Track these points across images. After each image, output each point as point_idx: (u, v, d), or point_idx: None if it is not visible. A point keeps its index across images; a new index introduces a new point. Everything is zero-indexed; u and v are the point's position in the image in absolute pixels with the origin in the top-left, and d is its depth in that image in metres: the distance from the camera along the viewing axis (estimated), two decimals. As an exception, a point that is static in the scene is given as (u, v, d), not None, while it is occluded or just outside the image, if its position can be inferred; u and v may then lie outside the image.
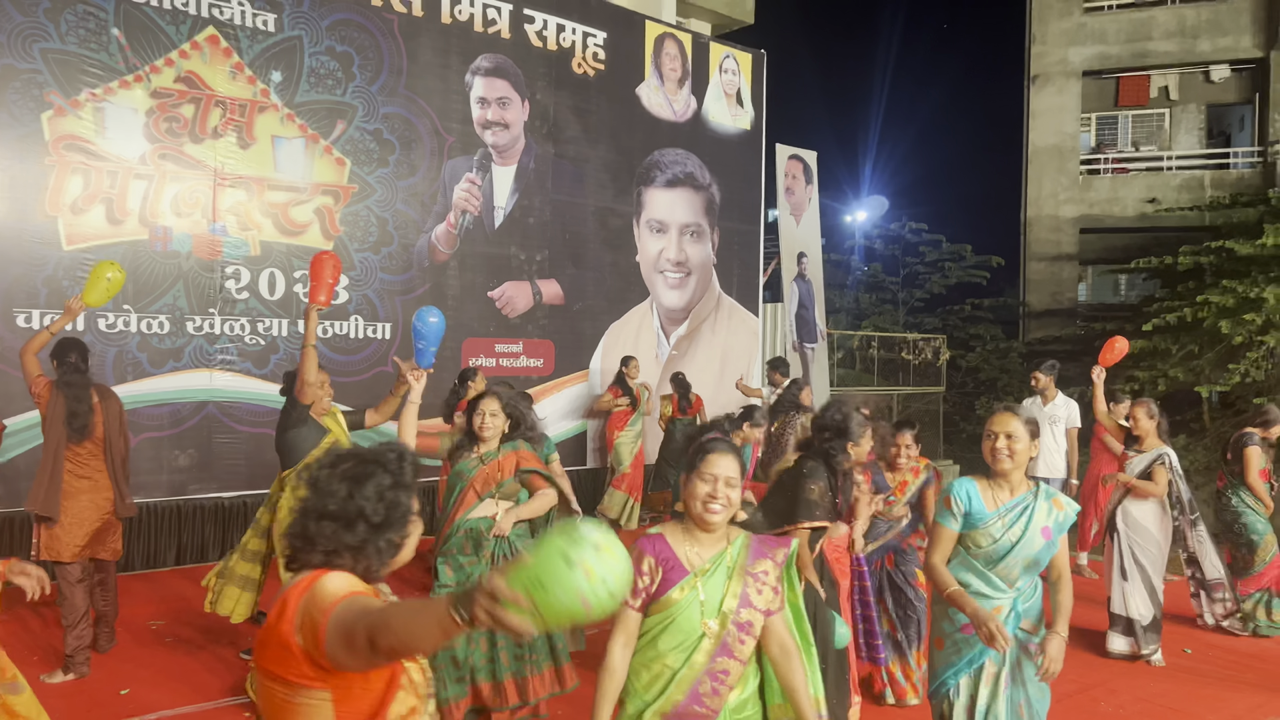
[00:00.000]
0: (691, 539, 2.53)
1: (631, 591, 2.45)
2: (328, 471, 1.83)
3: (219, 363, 7.47)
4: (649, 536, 2.57)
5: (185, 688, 4.85)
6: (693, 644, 2.45)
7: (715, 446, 2.52)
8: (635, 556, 2.49)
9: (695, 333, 10.92)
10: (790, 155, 12.50)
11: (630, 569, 1.50)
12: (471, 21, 8.92)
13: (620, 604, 1.57)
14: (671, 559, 2.51)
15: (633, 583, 2.38)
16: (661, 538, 2.56)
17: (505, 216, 9.24)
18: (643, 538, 2.57)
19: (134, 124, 7.09)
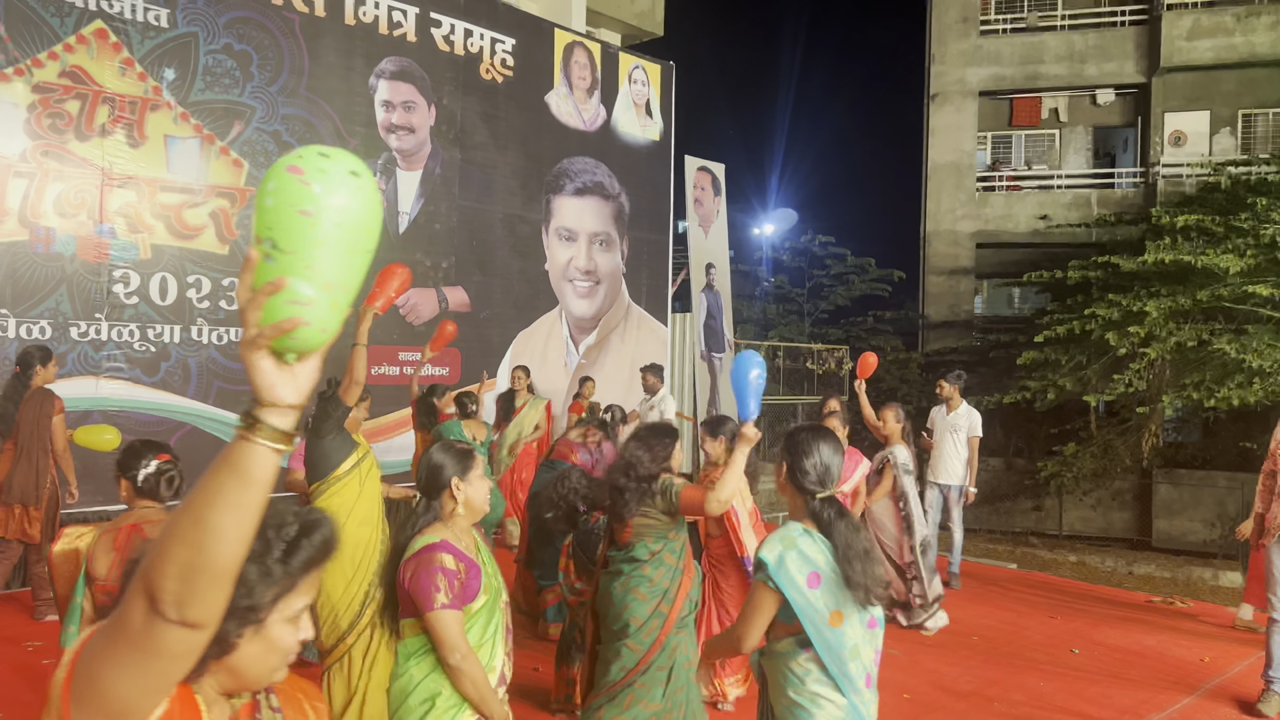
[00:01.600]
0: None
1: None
2: None
3: (106, 370, 7.14)
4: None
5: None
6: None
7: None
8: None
9: (604, 341, 10.91)
10: (699, 167, 12.61)
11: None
12: (376, 24, 8.76)
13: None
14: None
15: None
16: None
17: (410, 222, 9.09)
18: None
19: (14, 119, 6.74)
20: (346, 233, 1.08)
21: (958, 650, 6.19)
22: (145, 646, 1.08)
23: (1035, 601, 7.69)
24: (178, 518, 1.06)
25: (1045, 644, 6.42)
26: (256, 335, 1.06)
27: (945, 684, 5.52)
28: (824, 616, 2.57)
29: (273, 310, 1.05)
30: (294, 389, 1.11)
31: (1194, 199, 15.61)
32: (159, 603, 1.05)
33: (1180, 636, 6.70)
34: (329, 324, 1.08)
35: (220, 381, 7.70)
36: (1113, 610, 7.49)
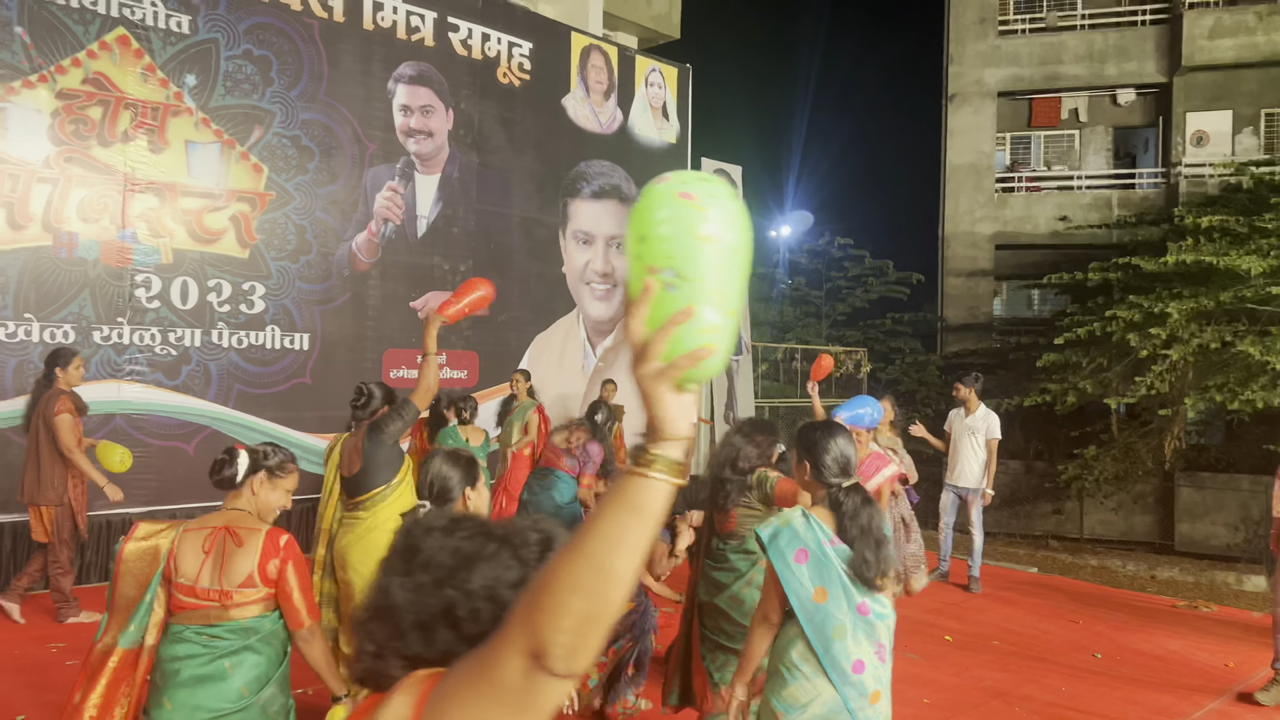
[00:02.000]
0: None
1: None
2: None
3: (128, 374, 7.21)
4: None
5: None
6: None
7: None
8: None
9: (622, 344, 10.91)
10: (715, 169, 12.60)
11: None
12: (394, 28, 8.80)
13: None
14: None
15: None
16: None
17: (428, 226, 9.12)
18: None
19: (38, 125, 6.81)
20: (737, 256, 1.06)
21: (979, 653, 6.15)
22: (524, 704, 1.00)
23: (1056, 605, 7.63)
24: (570, 567, 0.98)
25: (1067, 648, 6.37)
26: (667, 368, 1.01)
27: (967, 687, 5.48)
28: (809, 591, 2.76)
29: (682, 341, 1.01)
30: (689, 420, 1.03)
31: (1216, 199, 15.46)
32: (547, 658, 0.97)
33: (1205, 641, 6.63)
34: (729, 350, 1.05)
35: (240, 385, 7.75)
36: (1135, 615, 7.43)
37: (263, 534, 2.88)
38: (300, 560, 2.94)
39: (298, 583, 2.89)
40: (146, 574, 2.88)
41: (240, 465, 2.95)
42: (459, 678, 1.04)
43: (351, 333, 8.51)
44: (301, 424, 8.10)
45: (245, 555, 2.83)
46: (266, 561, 2.86)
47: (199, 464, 7.08)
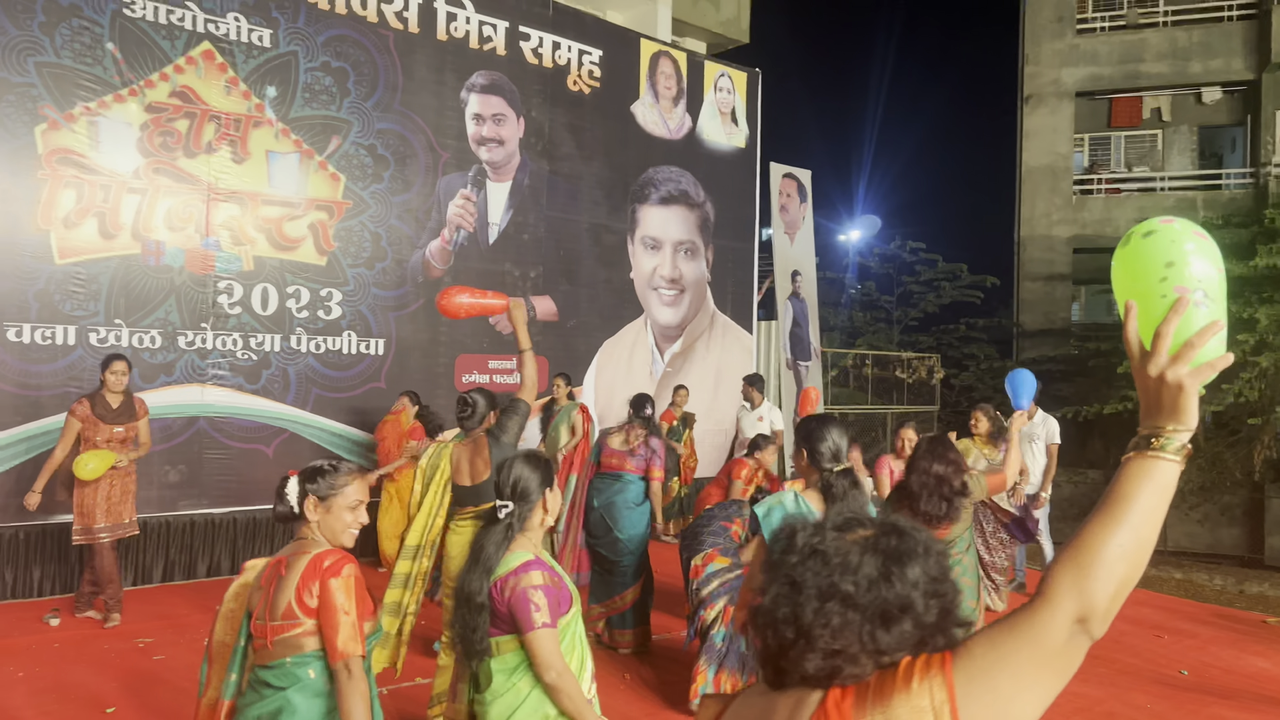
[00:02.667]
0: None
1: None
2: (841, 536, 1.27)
3: (211, 378, 7.43)
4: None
5: (173, 705, 4.79)
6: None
7: None
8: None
9: (689, 350, 10.90)
10: (785, 174, 12.53)
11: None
12: (467, 39, 8.94)
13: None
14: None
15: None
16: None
17: (499, 233, 9.24)
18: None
19: (128, 138, 7.07)
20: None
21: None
22: (1063, 665, 1.14)
23: (1139, 619, 7.39)
24: (1118, 539, 1.14)
25: (1152, 664, 6.16)
26: (1198, 369, 1.20)
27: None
28: None
29: (1210, 349, 1.22)
30: (1196, 415, 1.23)
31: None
32: (1091, 621, 1.13)
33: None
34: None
35: (318, 389, 7.94)
36: (1223, 630, 7.16)
37: (309, 557, 2.52)
38: (351, 582, 2.50)
39: (339, 605, 2.45)
40: (239, 615, 2.68)
41: (291, 497, 2.63)
42: (995, 651, 1.14)
43: (425, 338, 8.65)
44: (375, 427, 8.25)
45: (288, 583, 2.49)
46: (305, 586, 2.47)
47: (277, 466, 7.27)
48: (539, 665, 2.58)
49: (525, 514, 2.74)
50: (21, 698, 4.84)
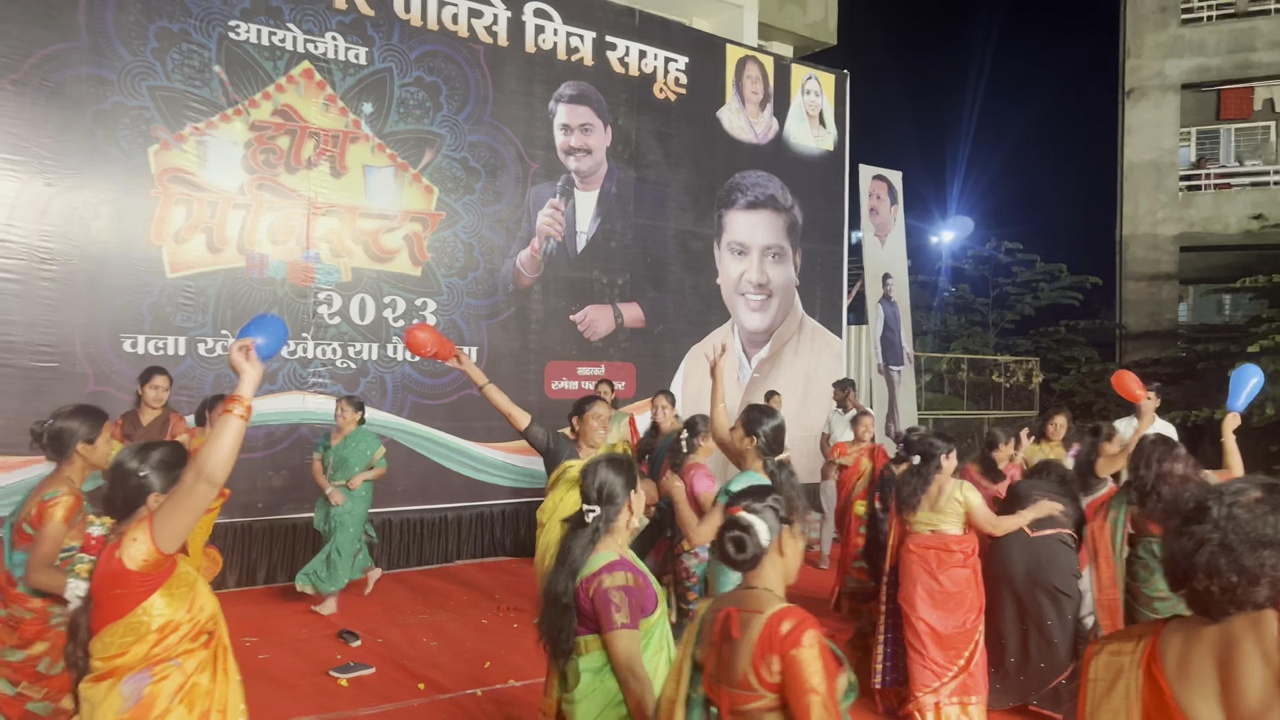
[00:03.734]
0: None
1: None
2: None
3: (312, 386, 7.68)
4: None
5: (276, 704, 4.96)
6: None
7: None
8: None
9: (778, 355, 10.83)
10: (874, 175, 12.35)
11: None
12: (555, 50, 9.07)
13: None
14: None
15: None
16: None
17: (588, 241, 9.33)
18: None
19: (233, 156, 7.38)
20: None
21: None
22: None
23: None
24: None
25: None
26: None
27: None
28: None
29: None
30: None
31: None
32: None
33: None
34: None
35: (413, 396, 8.13)
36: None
37: (763, 619, 2.20)
38: (815, 652, 2.13)
39: (808, 685, 2.11)
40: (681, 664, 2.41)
41: (761, 536, 2.29)
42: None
43: (516, 345, 8.79)
44: (470, 434, 8.42)
45: (742, 650, 2.19)
46: (761, 659, 2.16)
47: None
48: (619, 666, 2.60)
49: (611, 516, 2.77)
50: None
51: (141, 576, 2.34)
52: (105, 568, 2.35)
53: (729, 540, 2.31)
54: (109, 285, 6.90)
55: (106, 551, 2.37)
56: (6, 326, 6.52)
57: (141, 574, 2.33)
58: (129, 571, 2.32)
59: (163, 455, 2.53)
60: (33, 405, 6.24)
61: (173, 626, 2.39)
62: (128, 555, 2.32)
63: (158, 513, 2.35)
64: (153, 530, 2.33)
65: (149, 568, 2.34)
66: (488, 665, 5.60)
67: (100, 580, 2.35)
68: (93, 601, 2.37)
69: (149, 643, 2.35)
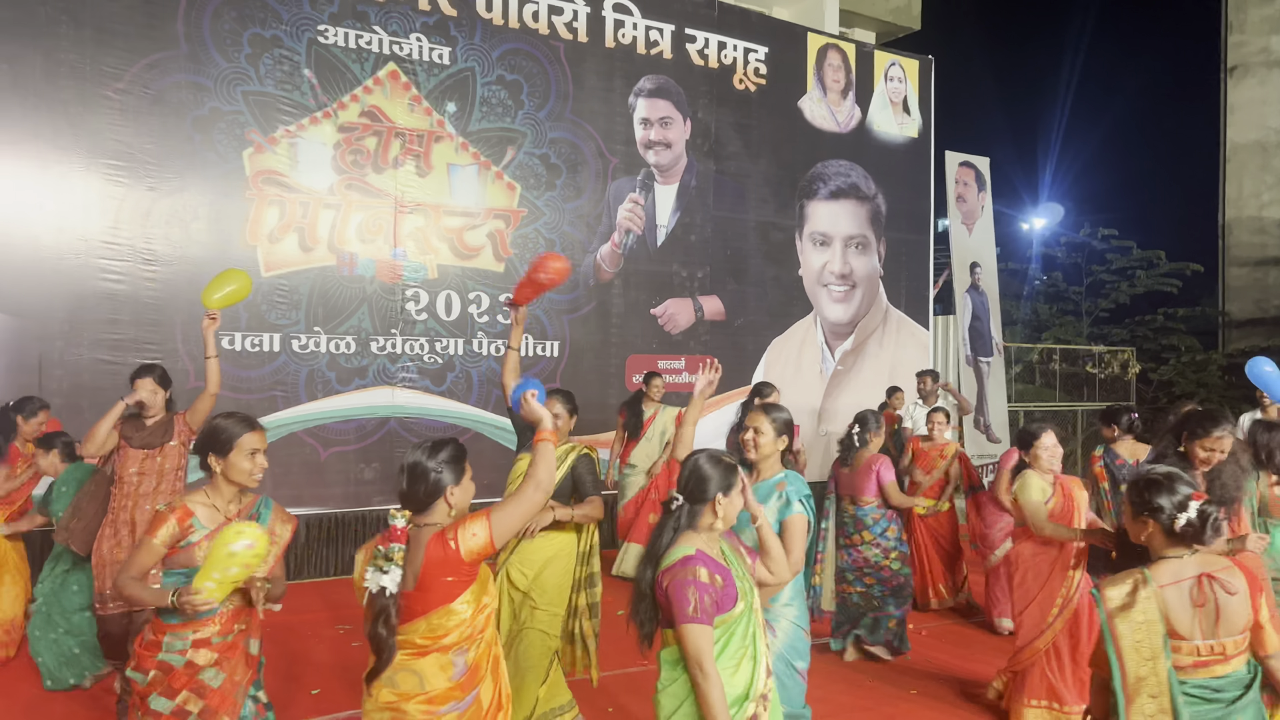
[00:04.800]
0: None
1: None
2: None
3: (400, 380, 7.87)
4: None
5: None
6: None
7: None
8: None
9: (861, 347, 10.68)
10: (961, 162, 12.08)
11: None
12: (634, 44, 9.09)
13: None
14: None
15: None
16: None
17: (667, 234, 9.34)
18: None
19: (323, 157, 7.59)
20: None
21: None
22: None
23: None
24: None
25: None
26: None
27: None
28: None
29: None
30: None
31: None
32: None
33: None
34: None
35: (498, 390, 8.26)
36: None
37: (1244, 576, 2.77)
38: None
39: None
40: (1151, 641, 2.75)
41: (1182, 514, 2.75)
42: None
43: (597, 340, 8.85)
44: (552, 427, 8.50)
45: (1241, 601, 2.72)
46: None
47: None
48: (688, 659, 2.61)
49: (695, 512, 2.77)
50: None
51: (470, 566, 2.65)
52: (440, 556, 2.62)
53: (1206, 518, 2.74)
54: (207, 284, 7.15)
55: (437, 543, 2.63)
56: (114, 325, 6.83)
57: (471, 564, 2.65)
58: (463, 561, 2.63)
59: (450, 453, 2.80)
60: (139, 400, 6.51)
61: (480, 608, 2.70)
62: (466, 547, 2.63)
63: (496, 512, 2.69)
64: (491, 526, 2.66)
65: (478, 559, 2.66)
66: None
67: (434, 568, 2.62)
68: (419, 588, 2.61)
69: (466, 623, 2.66)
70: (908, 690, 5.35)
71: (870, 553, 5.76)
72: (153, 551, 3.05)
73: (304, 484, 7.43)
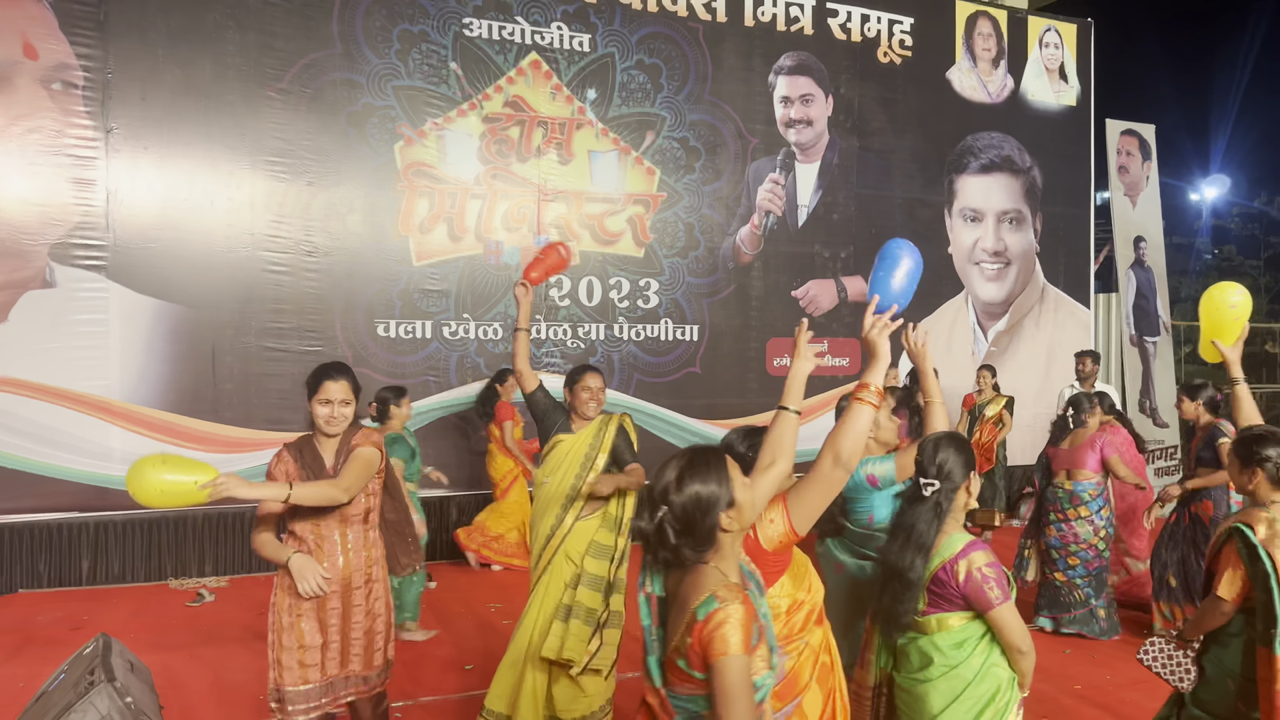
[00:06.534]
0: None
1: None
2: None
3: (545, 365, 8.00)
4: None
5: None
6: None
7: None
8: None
9: (1016, 328, 10.22)
10: (1123, 131, 11.37)
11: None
12: (774, 21, 8.92)
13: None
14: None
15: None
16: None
17: (809, 214, 9.15)
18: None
19: (469, 148, 7.78)
20: None
21: None
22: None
23: None
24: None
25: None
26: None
27: None
28: None
29: None
30: None
31: None
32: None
33: None
34: None
35: (639, 374, 8.30)
36: None
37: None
38: None
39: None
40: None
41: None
42: None
43: (737, 323, 8.77)
44: (691, 410, 8.50)
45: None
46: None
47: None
48: (1005, 640, 2.65)
49: (950, 493, 2.77)
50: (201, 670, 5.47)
51: (776, 556, 2.34)
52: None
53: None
54: (363, 274, 7.47)
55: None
56: (278, 315, 7.21)
57: (776, 554, 2.34)
58: (765, 551, 2.31)
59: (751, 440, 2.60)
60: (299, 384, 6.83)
61: (797, 605, 2.40)
62: (764, 536, 2.31)
63: (791, 494, 2.35)
64: (788, 511, 2.32)
65: (782, 548, 2.35)
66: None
67: None
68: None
69: (780, 622, 2.35)
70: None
71: (1082, 529, 5.78)
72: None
73: (456, 466, 7.66)
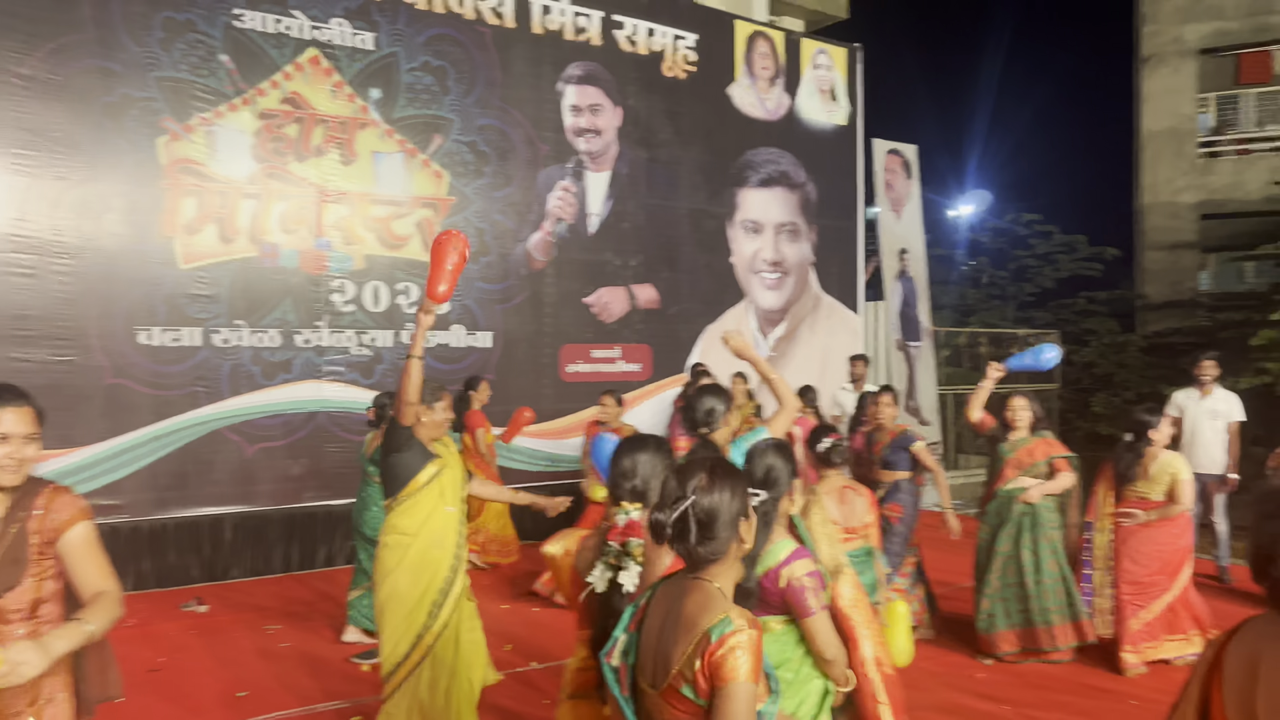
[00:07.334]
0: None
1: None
2: None
3: (327, 374, 7.68)
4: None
5: (298, 689, 4.97)
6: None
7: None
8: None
9: (794, 333, 10.76)
10: (889, 150, 12.22)
11: None
12: (562, 30, 8.98)
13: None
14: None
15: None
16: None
17: (600, 223, 9.27)
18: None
19: (242, 145, 7.36)
20: None
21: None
22: None
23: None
24: None
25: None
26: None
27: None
28: None
29: None
30: None
31: None
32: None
33: None
34: None
35: (428, 382, 8.11)
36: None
37: None
38: None
39: None
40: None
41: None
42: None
43: (530, 329, 8.76)
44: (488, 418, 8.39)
45: None
46: None
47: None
48: (815, 647, 2.75)
49: (775, 501, 2.83)
50: (162, 681, 5.10)
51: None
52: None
53: None
54: (123, 278, 6.91)
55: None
56: (22, 321, 6.54)
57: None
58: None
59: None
60: (50, 398, 6.23)
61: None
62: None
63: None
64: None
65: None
66: (508, 648, 5.60)
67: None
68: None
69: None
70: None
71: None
72: None
73: (229, 482, 7.22)
